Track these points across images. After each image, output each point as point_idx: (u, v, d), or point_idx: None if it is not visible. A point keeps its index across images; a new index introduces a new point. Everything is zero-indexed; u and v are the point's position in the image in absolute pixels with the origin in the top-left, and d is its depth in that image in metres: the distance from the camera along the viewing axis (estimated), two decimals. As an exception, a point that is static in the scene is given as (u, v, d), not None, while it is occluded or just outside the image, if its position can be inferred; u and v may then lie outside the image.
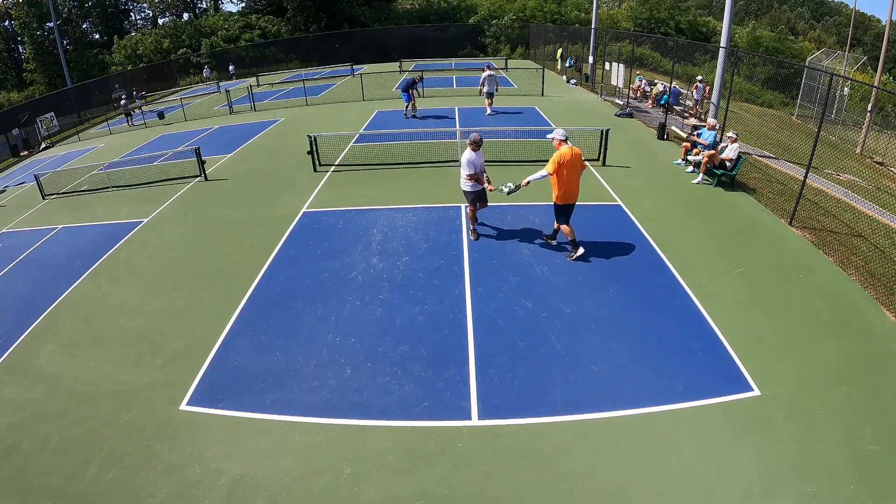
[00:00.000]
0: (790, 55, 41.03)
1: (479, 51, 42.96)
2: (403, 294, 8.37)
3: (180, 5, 57.01)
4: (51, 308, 9.12)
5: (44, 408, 6.70)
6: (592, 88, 25.83)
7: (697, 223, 10.43)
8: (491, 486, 5.13)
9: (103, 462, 5.72)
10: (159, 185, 15.08)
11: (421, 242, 9.94)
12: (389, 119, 20.72)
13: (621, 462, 5.32)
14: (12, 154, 27.06)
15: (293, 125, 21.23)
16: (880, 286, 8.14)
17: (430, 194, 12.11)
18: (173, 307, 8.67)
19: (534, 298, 8.03)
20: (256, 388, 6.63)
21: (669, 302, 7.89)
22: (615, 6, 50.82)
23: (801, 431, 5.50)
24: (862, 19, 70.77)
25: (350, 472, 5.35)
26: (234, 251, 10.34)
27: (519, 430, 5.77)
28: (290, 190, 13.30)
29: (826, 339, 7.00)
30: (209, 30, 46.56)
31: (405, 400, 6.27)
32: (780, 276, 8.52)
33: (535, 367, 6.66)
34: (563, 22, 42.18)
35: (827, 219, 10.56)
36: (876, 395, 6.02)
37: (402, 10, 52.08)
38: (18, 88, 46.41)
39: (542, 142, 15.79)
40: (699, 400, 6.02)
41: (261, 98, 28.42)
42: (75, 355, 7.71)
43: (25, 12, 42.85)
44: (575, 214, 8.45)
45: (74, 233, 12.54)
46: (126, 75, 40.54)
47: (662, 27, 41.66)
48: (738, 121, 19.73)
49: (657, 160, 14.29)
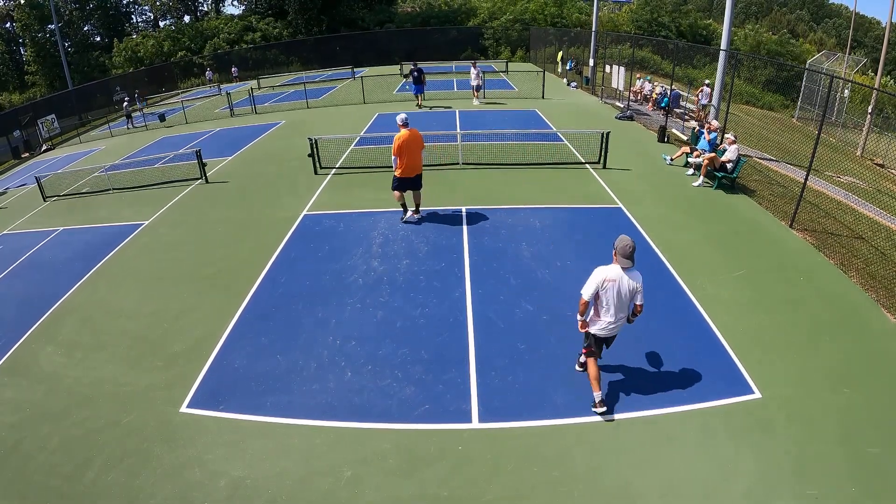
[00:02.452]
0: (791, 58, 41.06)
1: (479, 53, 43.00)
2: (404, 297, 8.37)
3: (181, 8, 57.15)
4: (51, 310, 9.12)
5: (44, 409, 6.69)
6: (593, 91, 25.86)
7: (698, 225, 10.44)
8: (491, 489, 5.13)
9: (103, 463, 5.72)
10: (160, 187, 15.09)
11: (421, 245, 9.94)
12: (390, 122, 20.66)
13: (622, 464, 5.31)
14: (13, 156, 27.10)
15: (294, 128, 21.25)
16: (881, 288, 8.13)
17: (431, 197, 12.09)
18: (174, 309, 8.67)
19: (534, 301, 8.03)
20: (257, 390, 6.63)
21: (670, 304, 7.89)
22: (616, 9, 50.82)
23: (802, 433, 5.49)
24: (862, 21, 70.90)
25: (350, 475, 5.35)
26: (235, 253, 10.35)
27: (519, 433, 5.76)
28: (291, 192, 13.31)
29: (827, 342, 6.99)
30: (210, 32, 46.65)
31: (405, 402, 6.27)
32: (781, 279, 8.52)
33: (536, 369, 6.66)
34: (563, 24, 42.22)
35: (827, 221, 10.57)
36: (876, 397, 6.01)
37: (402, 12, 52.17)
38: (20, 90, 46.56)
39: (542, 144, 15.83)
40: (700, 402, 6.01)
41: (262, 101, 28.47)
42: (76, 357, 7.71)
43: (27, 14, 42.98)
44: (576, 217, 8.46)
45: (75, 235, 12.54)
46: (127, 77, 40.61)
47: (663, 30, 41.69)
48: (739, 123, 19.76)
49: (658, 163, 14.29)
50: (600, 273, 5.53)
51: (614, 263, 5.54)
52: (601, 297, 5.57)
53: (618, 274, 5.48)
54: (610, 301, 5.54)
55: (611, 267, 5.54)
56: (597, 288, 5.51)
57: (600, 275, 5.51)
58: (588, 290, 5.55)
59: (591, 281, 5.55)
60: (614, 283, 5.47)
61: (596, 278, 5.52)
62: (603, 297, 5.55)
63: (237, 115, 25.91)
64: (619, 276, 5.47)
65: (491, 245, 9.79)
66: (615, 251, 5.51)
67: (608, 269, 5.54)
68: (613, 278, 5.47)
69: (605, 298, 5.55)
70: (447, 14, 48.97)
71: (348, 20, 47.00)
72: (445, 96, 25.64)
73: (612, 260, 5.57)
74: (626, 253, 5.45)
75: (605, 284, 5.49)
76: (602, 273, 5.52)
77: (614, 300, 5.52)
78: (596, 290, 5.52)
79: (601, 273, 5.52)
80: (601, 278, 5.50)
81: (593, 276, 5.55)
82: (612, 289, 5.49)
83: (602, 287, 5.50)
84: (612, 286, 5.48)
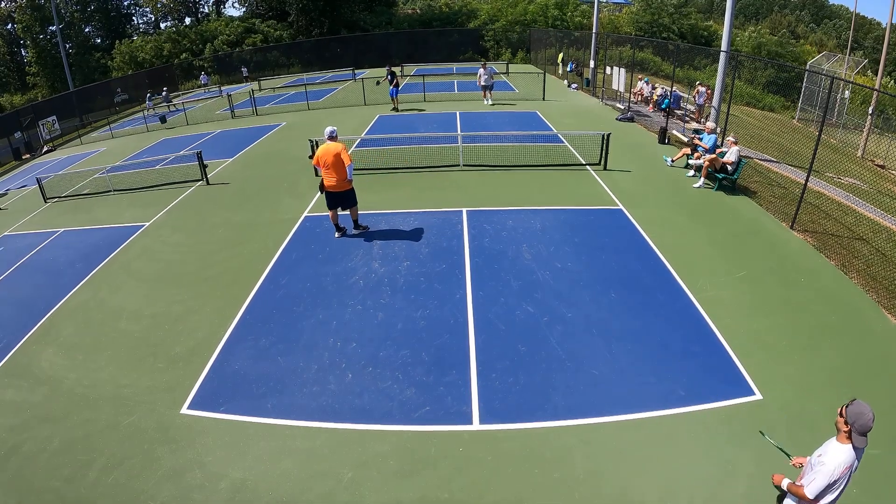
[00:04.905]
0: (791, 59, 41.08)
1: (480, 55, 43.03)
2: (405, 298, 8.37)
3: (182, 9, 57.21)
4: (52, 311, 9.13)
5: (44, 411, 6.70)
6: (593, 93, 25.86)
7: (699, 227, 10.43)
8: (491, 491, 5.13)
9: (104, 465, 5.72)
10: (161, 188, 15.10)
11: (422, 247, 9.94)
12: (391, 123, 20.76)
13: (623, 466, 5.31)
14: (14, 157, 27.08)
15: (295, 129, 21.27)
16: (882, 289, 8.13)
17: (432, 199, 12.13)
18: (174, 311, 8.67)
19: (535, 303, 8.03)
20: (258, 392, 6.63)
21: (671, 306, 7.89)
22: (616, 11, 50.86)
23: (803, 435, 5.48)
24: (862, 22, 70.98)
25: (351, 477, 5.35)
26: (236, 255, 10.35)
27: (520, 435, 5.76)
28: (292, 194, 13.32)
29: (827, 343, 6.99)
30: (211, 34, 46.70)
31: (406, 404, 6.27)
32: (782, 280, 8.52)
33: (537, 371, 6.66)
34: (564, 26, 42.24)
35: (828, 222, 10.56)
36: (877, 398, 5.97)
37: (403, 14, 52.21)
38: (21, 91, 46.63)
39: (542, 146, 15.83)
40: (701, 404, 6.01)
41: (262, 102, 28.48)
42: (76, 359, 7.71)
43: (28, 16, 43.00)
44: (576, 218, 8.39)
45: (76, 236, 12.55)
46: (127, 79, 40.65)
47: (664, 32, 41.71)
48: (740, 125, 19.76)
49: (658, 164, 14.29)
50: (838, 460, 3.72)
51: (844, 443, 3.75)
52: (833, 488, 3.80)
53: (852, 458, 3.74)
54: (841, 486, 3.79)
55: (842, 449, 3.76)
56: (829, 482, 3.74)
57: (839, 461, 3.72)
58: (821, 485, 3.77)
59: (822, 475, 3.74)
60: (850, 471, 3.75)
61: (830, 472, 3.71)
62: (837, 487, 3.80)
63: (238, 116, 25.93)
64: (853, 461, 3.74)
65: (492, 247, 9.79)
66: (850, 425, 3.69)
67: (840, 451, 3.75)
68: (850, 464, 3.73)
69: (839, 486, 3.79)
70: (448, 16, 49.00)
71: (349, 22, 47.05)
72: (447, 98, 25.67)
73: (841, 437, 3.78)
74: (866, 428, 3.70)
75: (839, 475, 3.72)
76: (841, 461, 3.72)
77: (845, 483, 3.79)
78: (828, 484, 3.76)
79: (840, 460, 3.72)
80: (842, 465, 3.71)
81: (826, 468, 3.74)
82: (846, 477, 3.76)
83: (835, 477, 3.73)
84: (847, 476, 3.75)
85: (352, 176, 9.96)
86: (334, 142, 9.85)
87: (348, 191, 10.22)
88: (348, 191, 10.22)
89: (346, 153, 9.80)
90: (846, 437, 3.70)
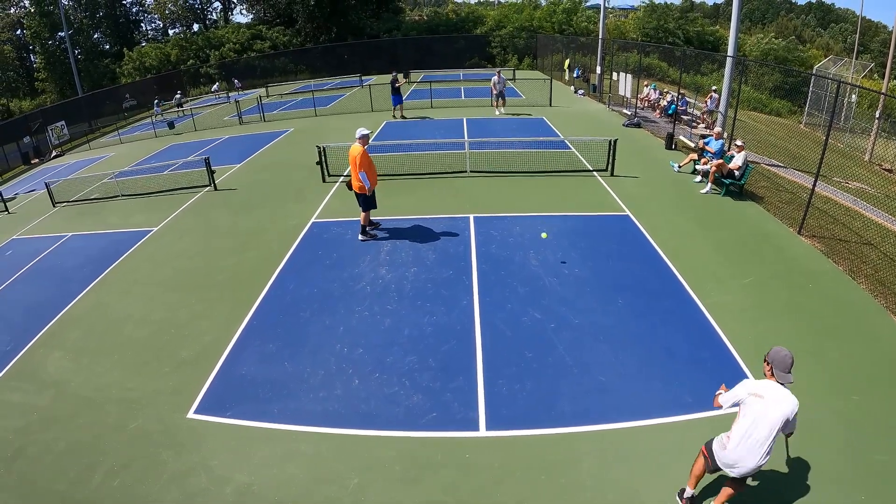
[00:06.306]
0: (797, 63, 40.96)
1: (486, 61, 43.11)
2: (412, 304, 8.37)
3: (190, 16, 57.65)
4: (59, 315, 9.18)
5: (51, 413, 6.73)
6: (600, 99, 25.86)
7: (706, 232, 10.39)
8: (497, 496, 5.10)
9: (109, 468, 5.73)
10: (169, 194, 15.19)
11: (429, 253, 9.95)
12: (398, 130, 20.81)
13: (629, 473, 5.27)
14: (23, 162, 27.34)
15: (302, 136, 21.36)
16: (890, 294, 8.06)
17: (439, 205, 12.14)
18: (181, 316, 8.70)
19: (542, 309, 8.01)
20: (264, 396, 6.63)
21: (678, 312, 7.85)
22: (623, 16, 50.88)
23: (811, 441, 5.43)
24: (869, 25, 70.68)
25: (356, 482, 5.34)
26: (243, 261, 10.39)
27: (526, 441, 5.73)
28: (300, 200, 13.36)
29: (835, 348, 6.93)
30: (219, 41, 47.01)
31: (413, 410, 6.25)
32: (789, 285, 8.47)
33: (544, 377, 6.63)
34: (571, 32, 42.29)
35: (836, 227, 10.50)
36: (885, 404, 5.95)
37: (410, 21, 52.41)
38: (30, 97, 47.10)
39: (549, 152, 15.83)
40: (707, 410, 5.94)
41: (270, 109, 28.62)
42: (83, 362, 7.75)
43: (37, 22, 43.45)
44: (583, 224, 8.36)
45: (84, 241, 12.64)
46: (135, 85, 40.96)
47: (670, 37, 41.69)
48: (747, 130, 19.70)
49: (665, 170, 14.25)
50: (749, 384, 4.31)
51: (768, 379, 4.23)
52: (738, 419, 4.26)
53: (769, 391, 4.14)
54: (747, 429, 4.17)
55: (762, 381, 4.26)
56: (739, 400, 4.28)
57: (749, 386, 4.28)
58: (728, 399, 4.39)
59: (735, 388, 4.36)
60: (763, 403, 4.11)
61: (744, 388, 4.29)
62: (741, 420, 4.23)
63: (246, 122, 26.07)
64: (770, 396, 4.12)
65: (498, 253, 9.78)
66: (770, 363, 4.20)
67: (756, 381, 4.32)
68: (762, 394, 4.14)
69: (742, 423, 4.21)
70: (454, 22, 49.16)
71: (356, 29, 47.25)
72: (454, 104, 25.72)
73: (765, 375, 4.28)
74: (785, 365, 4.13)
75: (749, 400, 4.19)
76: (751, 386, 4.27)
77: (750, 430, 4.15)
78: (738, 401, 4.29)
79: (750, 385, 4.29)
80: (749, 391, 4.23)
81: (740, 385, 4.35)
82: (755, 410, 4.14)
83: (744, 402, 4.23)
84: (758, 405, 4.12)
85: (367, 183, 10.06)
86: (358, 143, 10.05)
87: (360, 194, 10.35)
88: (360, 194, 10.35)
89: (360, 159, 9.95)
90: (770, 375, 4.23)
